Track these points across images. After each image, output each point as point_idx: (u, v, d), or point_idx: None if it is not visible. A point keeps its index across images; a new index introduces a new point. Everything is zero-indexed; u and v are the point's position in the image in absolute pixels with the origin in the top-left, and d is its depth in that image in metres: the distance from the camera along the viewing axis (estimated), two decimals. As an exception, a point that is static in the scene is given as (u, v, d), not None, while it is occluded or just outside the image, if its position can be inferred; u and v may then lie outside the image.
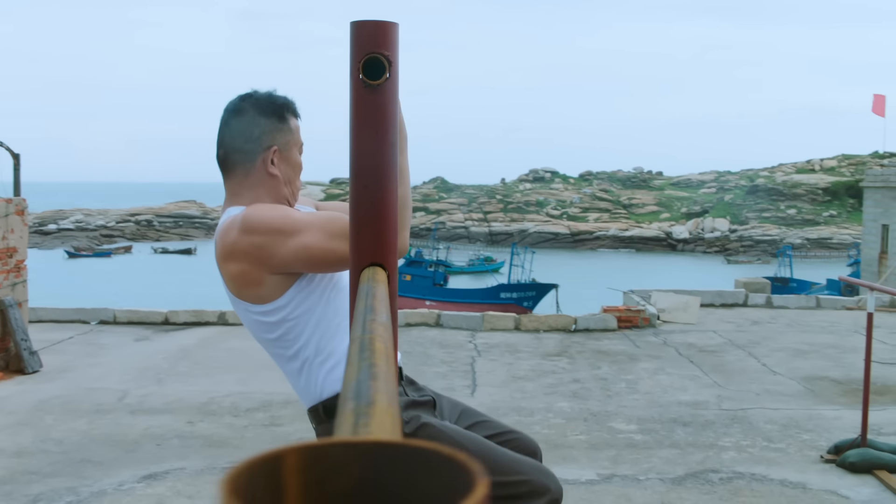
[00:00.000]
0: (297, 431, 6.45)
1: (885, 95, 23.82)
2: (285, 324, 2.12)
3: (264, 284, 2.08)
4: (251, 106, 2.15)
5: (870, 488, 5.32)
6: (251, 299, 2.12)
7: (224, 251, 2.08)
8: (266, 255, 2.02)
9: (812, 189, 78.92)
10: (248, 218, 2.04)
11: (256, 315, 2.14)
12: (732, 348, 9.71)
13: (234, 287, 2.13)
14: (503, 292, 42.11)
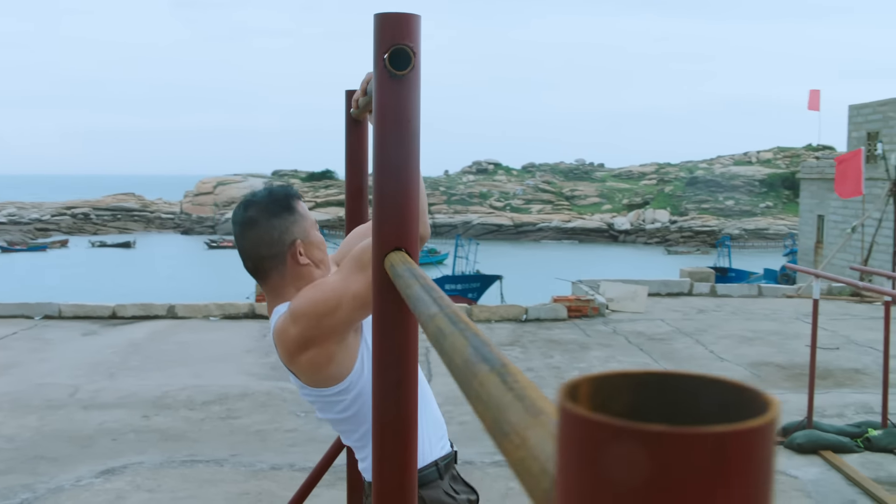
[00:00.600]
0: (255, 423, 6.43)
1: (820, 90, 24.51)
2: (361, 398, 2.13)
3: (334, 360, 2.08)
4: (259, 213, 2.17)
5: (816, 468, 5.53)
6: (327, 382, 2.12)
7: (289, 349, 2.09)
8: (329, 328, 2.03)
9: (749, 181, 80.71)
10: (295, 310, 2.06)
11: (334, 396, 2.14)
12: (680, 336, 9.94)
13: (310, 378, 2.13)
14: (447, 284, 42.16)
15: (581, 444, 0.28)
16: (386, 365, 1.27)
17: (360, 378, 2.11)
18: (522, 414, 0.44)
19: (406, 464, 1.29)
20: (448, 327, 0.68)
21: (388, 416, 1.28)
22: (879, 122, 22.97)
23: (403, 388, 1.28)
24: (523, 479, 0.40)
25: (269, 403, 6.94)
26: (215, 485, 5.26)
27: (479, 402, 0.51)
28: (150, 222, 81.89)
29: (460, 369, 0.59)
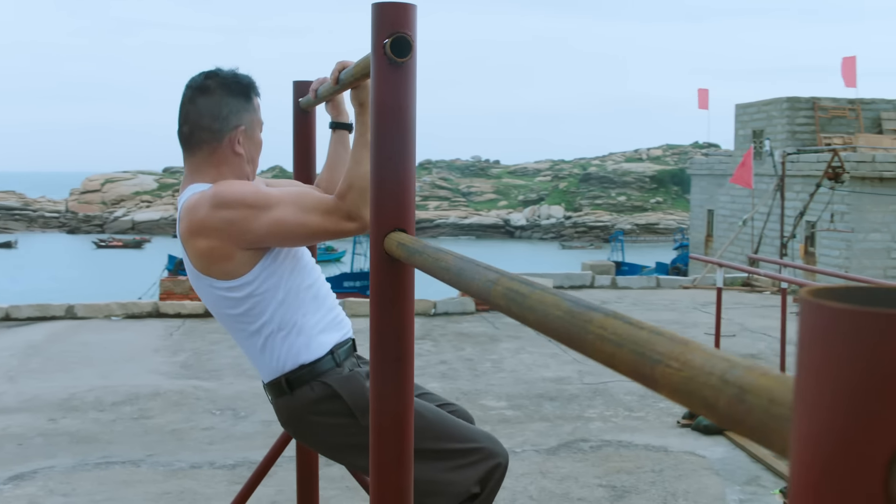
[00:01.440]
0: (169, 423, 6.31)
1: (708, 90, 25.53)
2: (251, 299, 2.14)
3: (233, 260, 2.09)
4: (218, 85, 2.15)
5: (722, 447, 5.80)
6: (218, 275, 2.12)
7: (192, 227, 2.07)
8: (238, 230, 2.03)
9: (640, 177, 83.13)
10: (220, 193, 2.04)
11: (222, 291, 2.14)
12: (585, 327, 10.21)
13: (201, 263, 2.12)
14: (346, 281, 42.06)
15: (842, 335, 0.34)
16: (385, 341, 1.32)
17: (253, 281, 2.11)
18: (671, 343, 0.50)
19: (402, 435, 1.34)
20: (523, 287, 0.73)
21: (386, 390, 1.33)
22: (764, 121, 24.10)
23: (401, 364, 1.33)
24: (690, 398, 0.47)
25: (183, 402, 6.82)
26: (133, 486, 5.14)
27: (606, 342, 0.58)
28: (32, 221, 78.45)
29: (565, 319, 0.64)
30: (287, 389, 2.21)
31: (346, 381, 2.20)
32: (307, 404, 2.18)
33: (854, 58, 21.94)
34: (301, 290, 2.21)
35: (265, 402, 6.86)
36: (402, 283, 1.32)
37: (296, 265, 2.21)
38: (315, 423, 2.19)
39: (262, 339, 2.19)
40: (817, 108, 23.30)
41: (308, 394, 2.18)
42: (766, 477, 5.25)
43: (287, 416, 2.26)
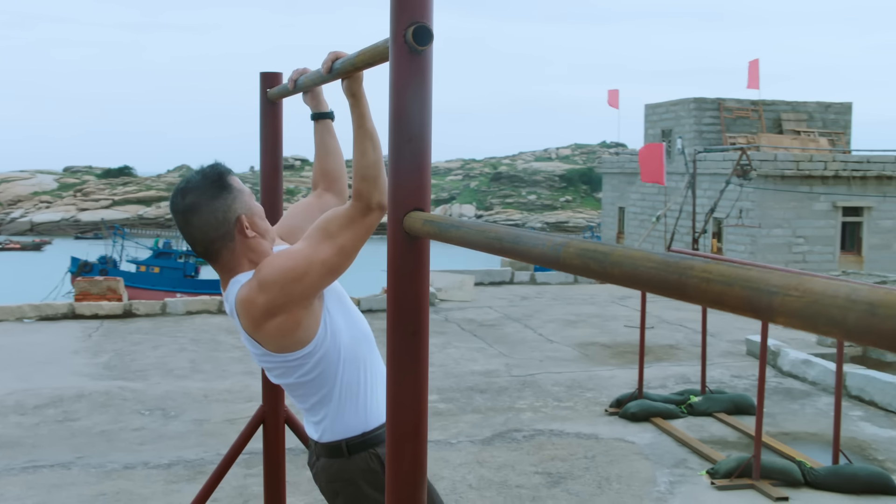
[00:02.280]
0: (97, 424, 6.18)
1: (619, 90, 26.21)
2: (325, 359, 2.19)
3: (301, 325, 2.13)
4: (198, 197, 2.16)
5: (649, 433, 6.01)
6: (293, 347, 2.16)
7: (256, 317, 2.10)
8: (298, 295, 2.08)
9: (549, 176, 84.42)
10: (264, 279, 2.08)
11: (297, 360, 2.18)
12: (509, 321, 10.39)
13: (276, 344, 2.15)
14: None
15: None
16: (403, 315, 1.38)
17: (323, 342, 2.18)
18: (786, 277, 0.58)
19: (419, 405, 1.41)
20: (601, 246, 0.81)
21: (404, 362, 1.39)
22: (672, 121, 24.86)
23: (418, 336, 1.39)
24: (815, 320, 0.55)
25: (110, 403, 6.67)
26: (65, 489, 5.03)
27: (713, 284, 0.65)
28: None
29: (660, 269, 0.72)
30: (346, 453, 2.25)
31: None
32: (362, 472, 2.24)
33: (757, 61, 22.87)
34: (359, 340, 2.27)
35: (196, 401, 6.81)
36: (420, 260, 1.38)
37: (336, 315, 2.25)
38: (362, 492, 2.24)
39: (336, 400, 2.24)
40: (722, 109, 24.22)
41: (366, 463, 2.24)
42: (692, 460, 5.47)
43: (336, 477, 2.29)
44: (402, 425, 1.40)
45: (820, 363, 7.48)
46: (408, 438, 1.40)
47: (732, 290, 0.65)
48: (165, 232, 62.84)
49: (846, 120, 25.46)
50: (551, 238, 0.92)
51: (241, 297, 2.13)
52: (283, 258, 2.11)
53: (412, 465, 1.41)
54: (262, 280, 2.09)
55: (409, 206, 1.35)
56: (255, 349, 2.21)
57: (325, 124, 2.47)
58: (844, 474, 5.02)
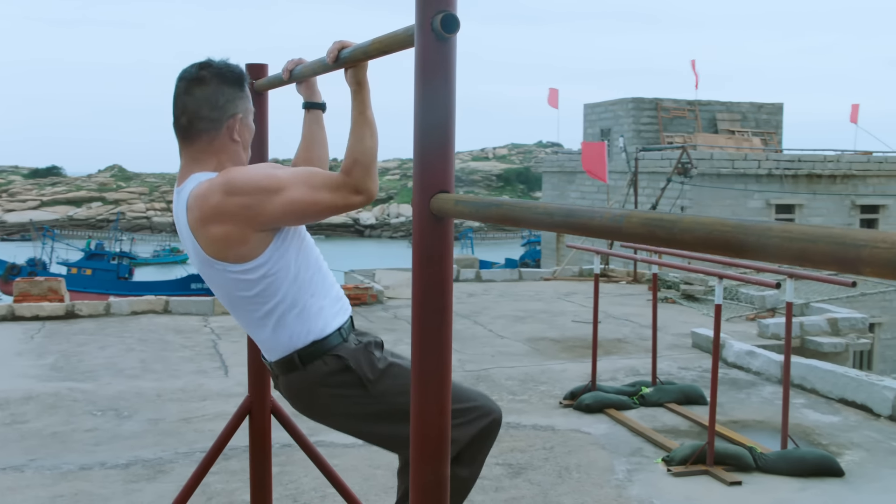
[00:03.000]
0: (48, 426, 6.06)
1: (558, 89, 26.51)
2: (265, 280, 2.19)
3: (248, 243, 2.13)
4: (213, 75, 2.18)
5: (604, 424, 6.14)
6: (233, 259, 2.16)
7: (205, 214, 2.10)
8: (254, 213, 2.08)
9: (487, 175, 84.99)
10: (233, 179, 2.08)
11: (236, 274, 2.18)
12: (459, 318, 10.47)
13: (215, 249, 2.15)
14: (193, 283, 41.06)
15: None
16: (429, 293, 1.43)
17: (267, 262, 2.18)
18: (871, 232, 0.65)
19: (444, 379, 1.46)
20: (667, 215, 0.87)
21: (430, 337, 1.44)
22: (611, 120, 25.26)
23: (444, 313, 1.44)
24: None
25: (59, 405, 6.54)
26: (20, 491, 4.93)
27: (795, 242, 0.72)
28: None
29: (736, 232, 0.78)
30: (300, 364, 2.27)
31: (356, 353, 2.29)
32: (320, 377, 2.26)
33: (693, 61, 23.45)
34: (309, 268, 2.28)
35: (149, 401, 6.72)
36: (445, 240, 1.43)
37: (301, 244, 2.27)
38: (326, 395, 2.27)
39: (276, 318, 2.24)
40: (660, 109, 24.72)
41: (321, 368, 2.26)
42: (647, 448, 5.61)
43: (297, 390, 2.31)
44: (426, 397, 1.45)
45: (763, 354, 7.72)
46: (431, 406, 1.45)
47: (816, 246, 0.71)
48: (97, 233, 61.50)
49: (777, 120, 26.21)
50: (609, 210, 0.97)
51: (198, 191, 2.13)
52: (258, 170, 2.13)
53: (437, 435, 1.46)
54: (229, 181, 2.09)
55: (435, 188, 1.40)
56: (195, 250, 2.21)
57: (317, 114, 2.51)
58: (793, 458, 5.21)
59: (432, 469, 1.47)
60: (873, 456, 5.52)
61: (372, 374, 2.27)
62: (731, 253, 0.80)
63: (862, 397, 6.58)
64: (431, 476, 1.47)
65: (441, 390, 1.45)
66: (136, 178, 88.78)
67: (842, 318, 9.92)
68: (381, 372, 2.31)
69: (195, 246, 2.20)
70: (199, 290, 38.73)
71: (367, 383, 2.26)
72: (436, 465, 1.47)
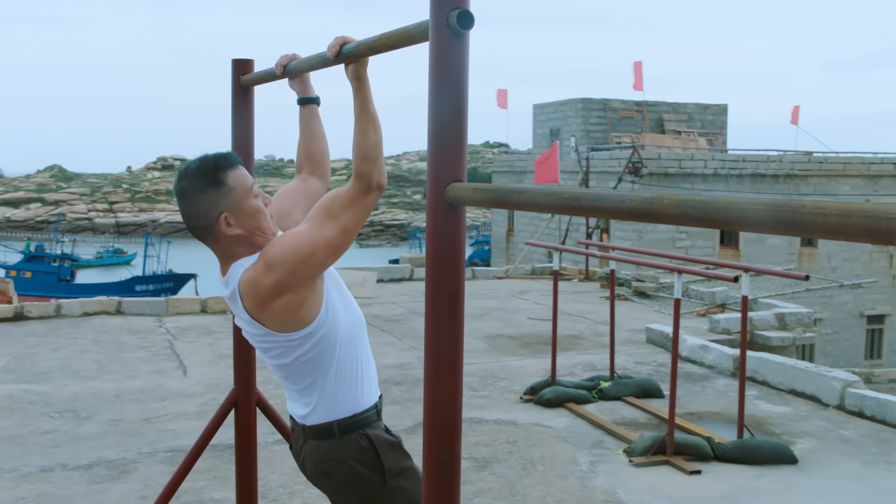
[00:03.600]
0: (4, 429, 5.95)
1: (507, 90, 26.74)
2: (324, 339, 2.23)
3: (305, 304, 2.17)
4: (188, 186, 2.20)
5: (564, 418, 6.25)
6: (296, 327, 2.20)
7: (262, 296, 2.14)
8: (303, 274, 2.12)
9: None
10: (272, 257, 2.12)
11: (298, 340, 2.22)
12: (415, 316, 10.52)
13: (280, 323, 2.18)
14: (138, 285, 40.40)
15: None
16: (443, 278, 1.48)
17: (324, 322, 2.23)
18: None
19: (456, 359, 1.51)
20: (699, 196, 0.93)
21: (443, 321, 1.49)
22: (560, 120, 25.52)
23: (456, 298, 1.50)
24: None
25: (14, 407, 6.43)
26: (-19, 493, 4.85)
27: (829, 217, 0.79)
28: None
29: (771, 210, 0.85)
30: (337, 434, 2.31)
31: (387, 444, 2.34)
32: (353, 451, 2.30)
33: (640, 63, 23.82)
34: (353, 325, 2.33)
35: (108, 402, 6.64)
36: (458, 227, 1.48)
37: (333, 298, 2.29)
38: (352, 471, 2.30)
39: (331, 381, 2.28)
40: (608, 109, 25.05)
41: (357, 442, 2.30)
42: (608, 441, 5.72)
43: (326, 457, 2.34)
44: (439, 378, 1.50)
45: (716, 348, 7.91)
46: (445, 387, 1.50)
47: (850, 219, 0.78)
48: (37, 235, 60.11)
49: (722, 120, 26.76)
50: (638, 195, 1.04)
51: (246, 278, 2.17)
52: (289, 239, 2.16)
53: (450, 415, 1.51)
54: (269, 260, 2.13)
55: (449, 177, 1.45)
56: (256, 330, 2.24)
57: (312, 109, 2.55)
58: (749, 447, 5.37)
59: (446, 448, 1.52)
60: (824, 444, 5.71)
61: (395, 469, 2.33)
62: (767, 230, 0.87)
63: (811, 388, 6.80)
64: (445, 455, 1.52)
65: (454, 372, 1.51)
66: (77, 179, 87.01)
67: (789, 313, 10.20)
68: (402, 472, 2.36)
69: (257, 327, 2.23)
70: (144, 293, 38.12)
71: (387, 476, 2.31)
72: (449, 444, 1.52)
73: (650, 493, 4.83)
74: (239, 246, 2.22)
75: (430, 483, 1.52)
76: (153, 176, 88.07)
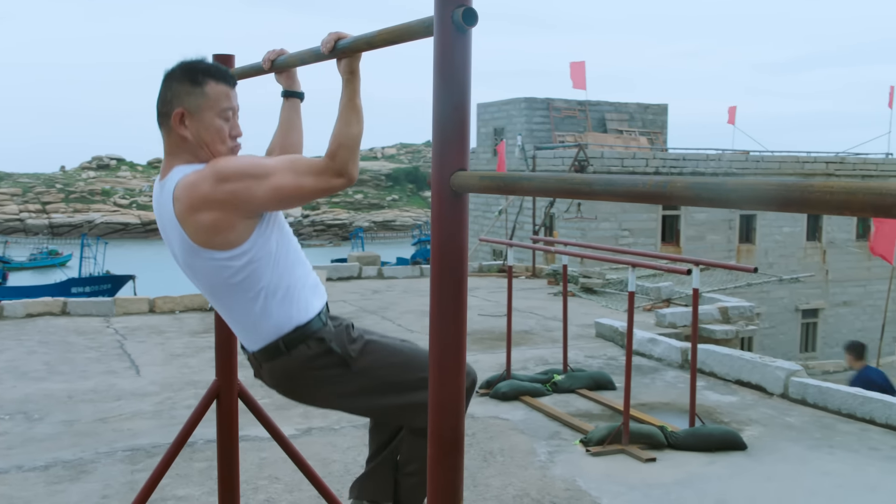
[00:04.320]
0: (-46, 431, 5.84)
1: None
2: (251, 265, 2.26)
3: (235, 229, 2.20)
4: (170, 71, 2.28)
5: (521, 410, 6.36)
6: (220, 246, 2.23)
7: (195, 202, 2.17)
8: (242, 199, 2.16)
9: (376, 175, 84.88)
10: (221, 168, 2.16)
11: (223, 261, 2.24)
12: (366, 314, 10.55)
13: (203, 236, 2.21)
14: (74, 287, 39.59)
15: None
16: (447, 263, 1.55)
17: (254, 249, 2.26)
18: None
19: (459, 341, 1.59)
20: (710, 179, 1.02)
21: (447, 304, 1.56)
22: (504, 119, 25.74)
23: (460, 283, 1.57)
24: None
25: (-37, 409, 6.31)
26: (-66, 497, 4.76)
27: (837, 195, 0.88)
28: None
29: (780, 190, 0.94)
30: (284, 350, 2.36)
31: (337, 335, 2.41)
32: (305, 360, 2.36)
33: (583, 63, 24.16)
34: (289, 254, 2.37)
35: (60, 402, 6.55)
36: (462, 214, 1.55)
37: (281, 231, 2.35)
38: (311, 377, 2.37)
39: (260, 304, 2.32)
40: (552, 109, 25.38)
41: (305, 352, 2.36)
42: (565, 432, 5.85)
43: (283, 375, 2.40)
44: (444, 360, 1.57)
45: (664, 341, 8.12)
46: (450, 366, 1.58)
47: (856, 196, 0.88)
48: (-33, 236, 58.42)
49: (663, 120, 27.31)
50: (651, 178, 1.12)
51: (186, 181, 2.20)
52: (244, 159, 2.22)
53: (453, 399, 1.58)
54: (218, 170, 2.17)
55: (454, 166, 1.52)
56: (180, 240, 2.27)
57: (295, 103, 2.62)
58: (701, 435, 5.55)
59: (450, 425, 1.59)
60: (770, 430, 5.92)
61: (353, 353, 2.40)
62: (776, 207, 0.97)
63: (756, 378, 7.03)
64: (449, 433, 1.59)
65: (458, 353, 1.58)
66: (7, 179, 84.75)
67: (731, 307, 10.50)
68: (360, 350, 2.43)
69: (181, 235, 2.25)
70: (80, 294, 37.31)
71: (349, 362, 2.38)
72: (453, 421, 1.59)
73: (608, 480, 4.96)
74: (182, 150, 2.27)
75: (436, 457, 1.59)
76: (88, 176, 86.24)
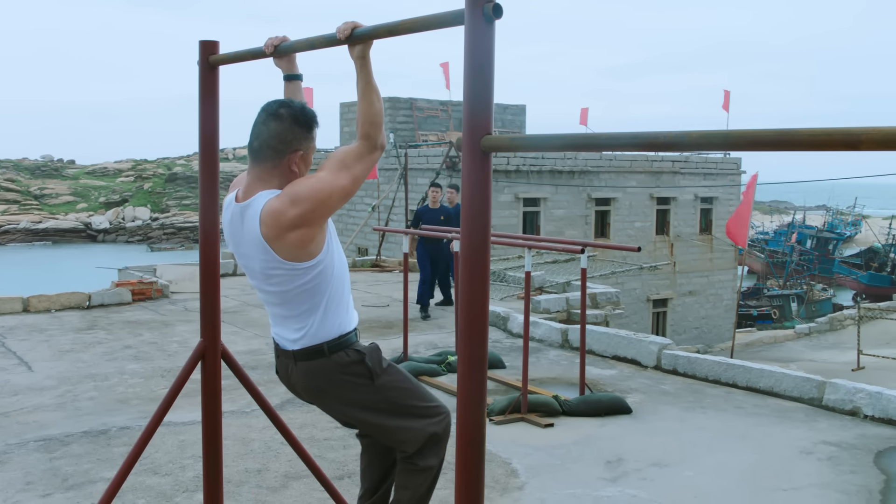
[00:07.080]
0: None
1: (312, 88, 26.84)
2: (321, 274, 2.62)
3: (315, 240, 2.55)
4: (289, 115, 2.59)
5: (421, 390, 6.72)
6: (304, 258, 2.56)
7: (284, 225, 2.50)
8: (320, 212, 2.50)
9: (228, 176, 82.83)
10: (297, 193, 2.50)
11: (304, 270, 2.58)
12: (251, 307, 10.64)
13: (292, 253, 2.54)
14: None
15: None
16: (475, 215, 1.89)
17: (325, 257, 2.63)
18: (863, 128, 1.24)
19: (483, 289, 1.94)
20: (720, 130, 1.42)
21: (475, 257, 1.91)
22: (368, 119, 25.95)
23: (485, 231, 1.92)
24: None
25: None
26: None
27: (818, 136, 1.29)
28: None
29: (779, 134, 1.35)
30: (327, 353, 2.69)
31: (371, 351, 2.77)
32: (341, 366, 2.70)
33: (447, 64, 24.75)
34: (343, 266, 2.73)
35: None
36: (487, 171, 1.89)
37: (333, 241, 2.69)
38: (341, 381, 2.70)
39: (322, 308, 2.66)
40: (415, 108, 25.86)
41: (343, 358, 2.70)
42: (466, 405, 6.26)
43: (316, 375, 2.71)
44: (472, 307, 1.92)
45: (545, 323, 8.68)
46: (476, 320, 1.92)
47: (832, 138, 1.29)
48: None
49: (521, 120, 28.32)
50: (671, 132, 1.52)
51: (270, 208, 2.52)
52: (312, 181, 2.54)
53: (479, 347, 1.93)
54: (294, 195, 2.50)
55: (482, 132, 1.88)
56: (266, 256, 2.58)
57: (297, 84, 2.90)
58: (591, 401, 6.09)
59: (473, 387, 1.93)
60: (649, 397, 6.55)
61: (379, 371, 2.76)
62: (773, 148, 1.37)
63: (632, 353, 7.68)
64: (474, 391, 1.93)
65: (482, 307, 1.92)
66: None
67: (599, 293, 11.23)
68: (384, 370, 2.79)
69: (268, 252, 2.56)
70: None
71: (374, 377, 2.74)
72: (477, 377, 1.92)
73: (514, 444, 5.40)
74: (275, 177, 2.60)
75: (466, 373, 1.92)
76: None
